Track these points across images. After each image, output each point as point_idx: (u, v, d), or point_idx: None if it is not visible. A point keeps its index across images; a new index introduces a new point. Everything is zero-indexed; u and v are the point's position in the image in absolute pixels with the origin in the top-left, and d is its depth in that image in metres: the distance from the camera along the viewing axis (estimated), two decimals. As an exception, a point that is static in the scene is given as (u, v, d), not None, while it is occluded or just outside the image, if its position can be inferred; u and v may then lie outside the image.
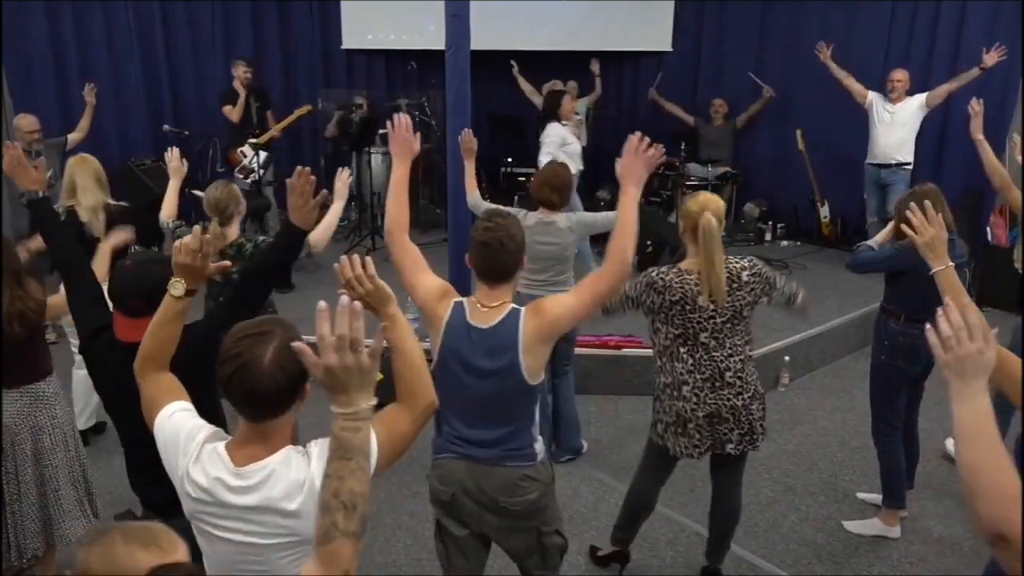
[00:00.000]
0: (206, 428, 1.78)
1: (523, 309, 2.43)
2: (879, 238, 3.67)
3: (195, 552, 1.87)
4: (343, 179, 3.72)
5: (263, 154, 6.87)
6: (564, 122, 5.85)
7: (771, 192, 8.02)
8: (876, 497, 3.84)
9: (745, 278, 3.00)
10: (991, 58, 5.95)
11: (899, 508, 3.73)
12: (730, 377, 3.01)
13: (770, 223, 7.91)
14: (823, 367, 5.62)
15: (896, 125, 6.43)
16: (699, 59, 8.61)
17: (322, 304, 1.37)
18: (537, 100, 7.17)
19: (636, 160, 2.49)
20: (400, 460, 1.84)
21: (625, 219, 2.47)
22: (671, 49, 8.46)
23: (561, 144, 5.77)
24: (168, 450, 1.77)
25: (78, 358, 4.21)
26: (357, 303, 1.38)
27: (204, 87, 7.96)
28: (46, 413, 3.03)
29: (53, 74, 7.34)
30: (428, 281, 2.52)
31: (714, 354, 3.00)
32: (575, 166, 6.16)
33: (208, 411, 2.35)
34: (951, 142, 7.00)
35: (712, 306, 2.95)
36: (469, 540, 2.62)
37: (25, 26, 7.14)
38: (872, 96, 6.55)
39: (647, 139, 2.50)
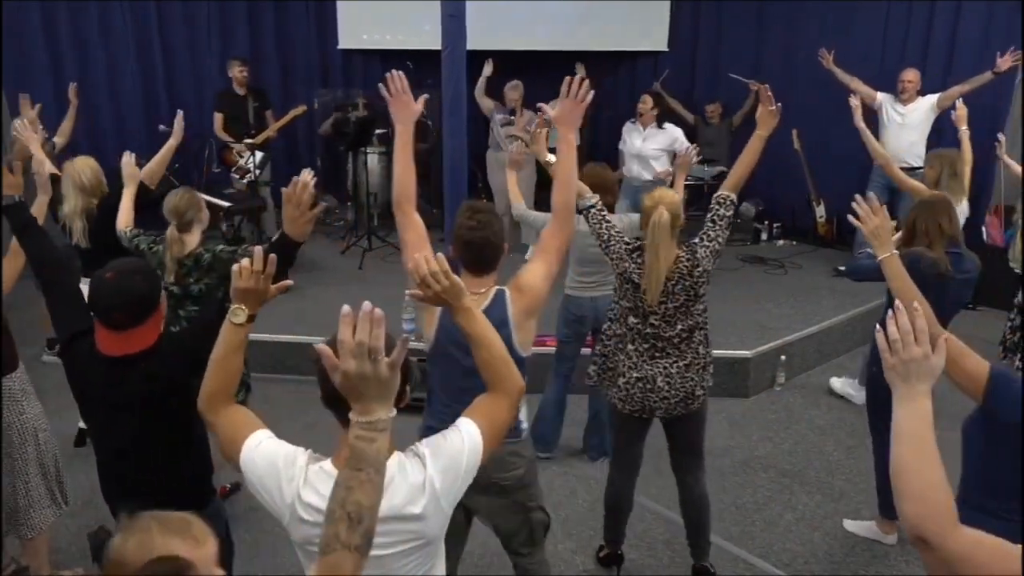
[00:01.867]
0: (301, 450, 1.73)
1: (507, 289, 2.52)
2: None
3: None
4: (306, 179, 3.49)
5: (259, 154, 6.87)
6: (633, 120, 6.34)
7: (767, 192, 8.03)
8: (863, 525, 3.80)
9: (697, 274, 3.01)
10: (1005, 62, 5.83)
11: (896, 520, 3.71)
12: (671, 349, 3.06)
13: (766, 223, 7.93)
14: (819, 366, 5.62)
15: (907, 127, 6.21)
16: (695, 59, 8.61)
17: (346, 308, 1.34)
18: (485, 103, 7.06)
19: (575, 105, 2.54)
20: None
21: (565, 169, 2.56)
22: (667, 49, 8.47)
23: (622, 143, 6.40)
24: (267, 480, 1.69)
25: None
26: (379, 310, 1.34)
27: (200, 87, 7.94)
28: (13, 410, 3.02)
29: (50, 75, 7.32)
30: None
31: (661, 332, 3.05)
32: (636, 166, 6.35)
33: (185, 422, 2.31)
34: (948, 142, 7.01)
35: (662, 296, 2.98)
36: (455, 516, 2.69)
37: (21, 26, 7.12)
38: (881, 97, 6.37)
39: (585, 80, 2.54)
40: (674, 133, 6.19)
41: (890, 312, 1.54)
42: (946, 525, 1.40)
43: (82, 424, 4.35)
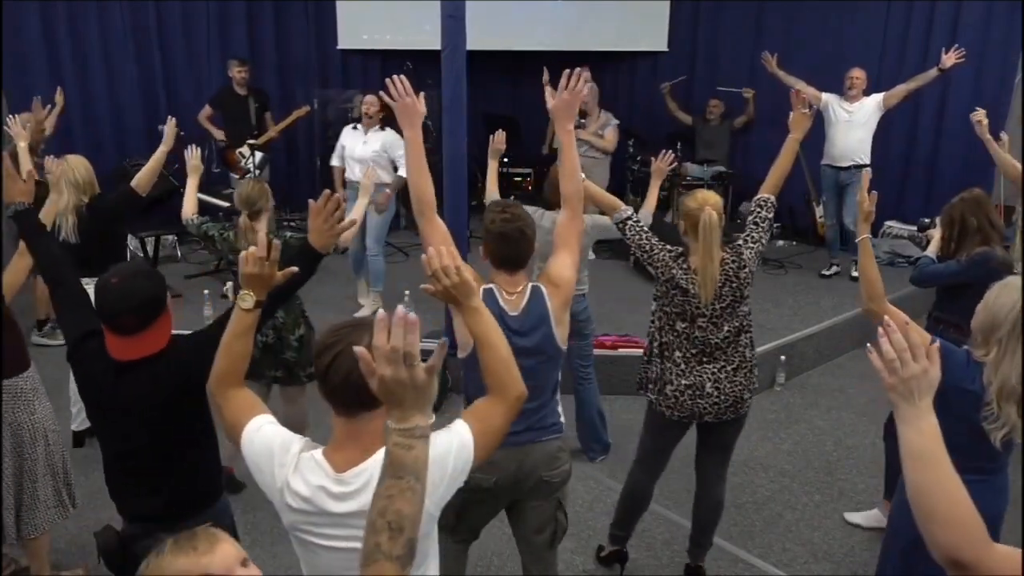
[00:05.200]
0: (298, 438, 1.75)
1: (541, 285, 2.53)
2: (933, 248, 3.63)
3: None
4: (369, 175, 4.11)
5: (259, 155, 6.88)
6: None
7: (767, 192, 8.02)
8: (866, 515, 3.82)
9: (743, 275, 3.05)
10: (949, 59, 5.84)
11: None
12: (719, 353, 3.07)
13: (766, 223, 7.92)
14: (819, 366, 5.63)
15: (854, 125, 6.28)
16: (695, 59, 8.61)
17: (381, 312, 1.31)
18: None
19: (571, 97, 2.53)
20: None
21: (568, 160, 2.60)
22: (667, 49, 8.47)
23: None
24: (262, 464, 1.72)
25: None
26: (413, 315, 1.30)
27: (199, 88, 7.94)
28: (24, 409, 3.04)
29: (47, 75, 7.30)
30: None
31: (709, 336, 3.05)
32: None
33: (197, 422, 2.32)
34: (946, 142, 7.03)
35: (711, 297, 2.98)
36: (482, 520, 2.77)
37: (19, 26, 7.11)
38: (827, 97, 6.41)
39: (584, 73, 2.57)
40: (391, 136, 5.64)
41: (880, 329, 1.44)
42: (982, 547, 1.35)
43: (75, 427, 4.34)
